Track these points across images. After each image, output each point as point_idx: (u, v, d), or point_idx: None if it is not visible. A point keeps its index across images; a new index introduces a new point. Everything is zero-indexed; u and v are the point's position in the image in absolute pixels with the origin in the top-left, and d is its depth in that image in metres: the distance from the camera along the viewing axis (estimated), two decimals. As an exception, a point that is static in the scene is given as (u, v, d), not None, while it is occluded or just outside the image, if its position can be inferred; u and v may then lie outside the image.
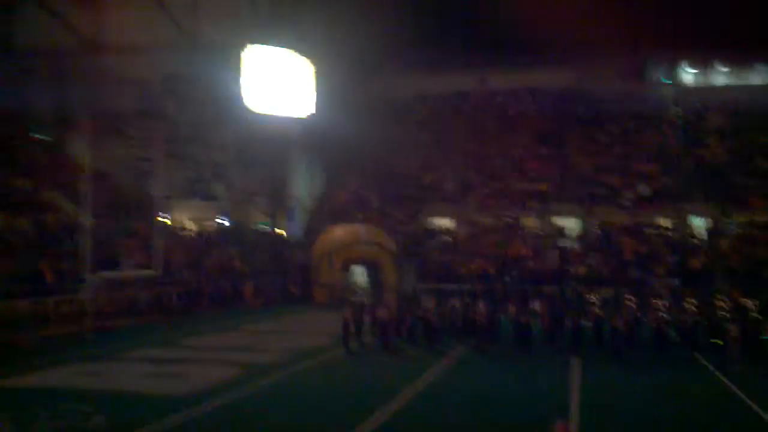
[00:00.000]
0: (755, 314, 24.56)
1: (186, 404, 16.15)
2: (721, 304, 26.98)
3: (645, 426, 15.11)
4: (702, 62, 61.17)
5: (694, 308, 26.11)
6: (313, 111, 42.66)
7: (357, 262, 40.24)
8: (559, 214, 46.25)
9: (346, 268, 39.66)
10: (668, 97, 59.79)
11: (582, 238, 42.74)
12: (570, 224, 44.92)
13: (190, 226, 47.76)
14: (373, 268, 40.05)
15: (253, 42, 41.24)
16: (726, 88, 60.10)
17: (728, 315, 24.25)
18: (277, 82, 41.28)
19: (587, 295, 31.79)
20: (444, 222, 47.56)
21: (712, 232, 42.07)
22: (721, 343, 21.93)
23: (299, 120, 42.56)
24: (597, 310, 25.88)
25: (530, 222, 45.79)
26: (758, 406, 16.43)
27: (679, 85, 61.53)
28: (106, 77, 46.36)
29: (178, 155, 41.58)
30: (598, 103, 58.52)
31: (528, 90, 61.77)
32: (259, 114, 41.12)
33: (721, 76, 61.94)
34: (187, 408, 15.81)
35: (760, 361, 21.28)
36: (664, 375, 20.29)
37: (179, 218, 47.65)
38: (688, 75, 62.20)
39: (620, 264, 38.91)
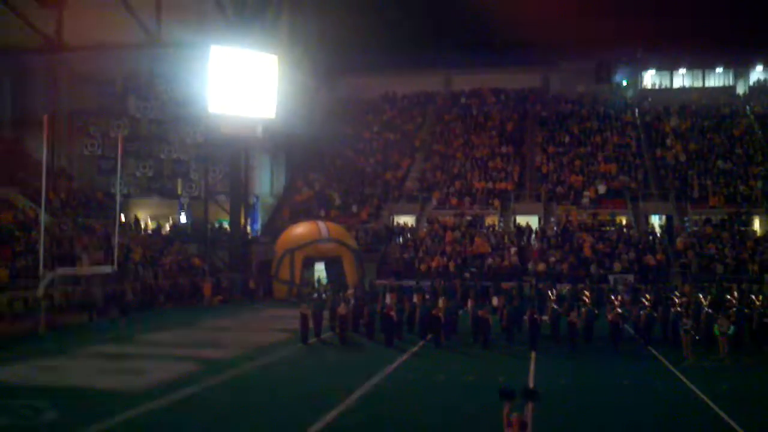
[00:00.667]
0: (707, 309, 25.06)
1: (142, 400, 16.06)
2: (675, 299, 27.56)
3: (594, 416, 15.40)
4: (663, 64, 62.39)
5: (648, 303, 26.62)
6: (276, 111, 42.59)
7: (317, 258, 40.24)
8: (521, 212, 46.74)
9: (306, 264, 39.62)
10: (629, 98, 60.84)
11: (542, 235, 43.14)
12: (531, 222, 45.32)
13: (150, 223, 47.48)
14: (333, 265, 40.10)
15: (217, 42, 41.09)
16: (686, 90, 61.51)
17: (681, 310, 24.71)
18: (241, 83, 41.09)
19: (546, 292, 32.27)
20: (406, 219, 47.76)
21: (669, 229, 42.72)
22: (681, 334, 22.30)
23: (262, 120, 42.51)
24: (554, 306, 26.21)
25: (492, 220, 46.19)
26: (705, 395, 16.86)
27: (639, 87, 62.71)
28: (68, 76, 45.94)
29: (139, 153, 41.28)
30: (561, 103, 59.32)
31: (492, 90, 62.34)
32: (222, 114, 41.01)
33: (681, 78, 63.35)
34: (143, 404, 15.73)
35: (712, 353, 21.75)
36: (616, 368, 20.64)
37: (139, 215, 47.37)
38: (649, 77, 63.43)
39: (579, 261, 39.38)
